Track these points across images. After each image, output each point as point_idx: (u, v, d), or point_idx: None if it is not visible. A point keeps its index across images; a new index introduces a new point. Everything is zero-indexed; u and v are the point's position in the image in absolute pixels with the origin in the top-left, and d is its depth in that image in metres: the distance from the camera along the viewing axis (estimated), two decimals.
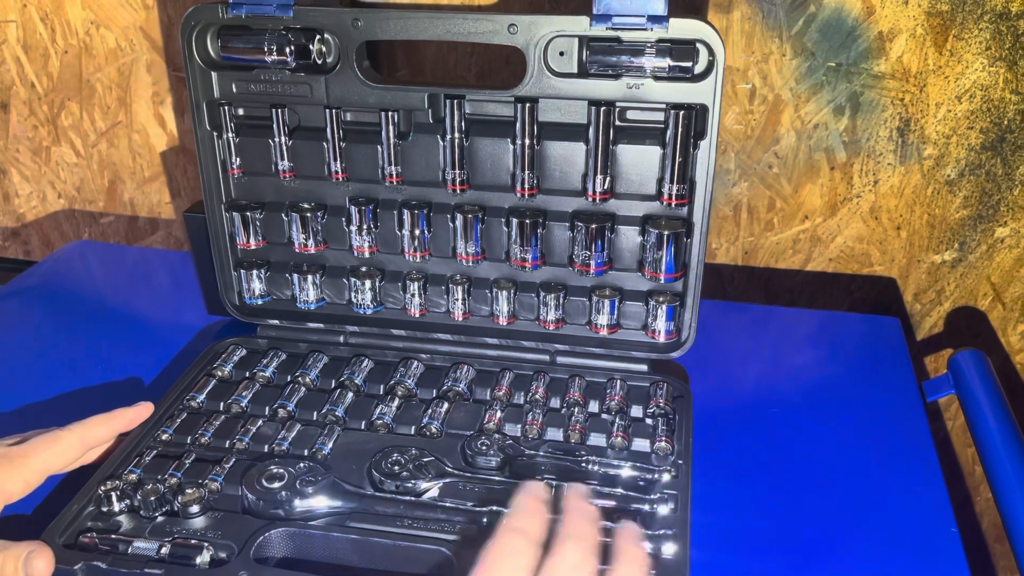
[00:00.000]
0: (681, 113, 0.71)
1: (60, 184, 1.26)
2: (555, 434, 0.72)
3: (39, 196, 1.27)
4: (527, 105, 0.72)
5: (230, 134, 0.78)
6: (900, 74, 0.95)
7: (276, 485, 0.65)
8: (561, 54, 0.71)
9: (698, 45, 0.69)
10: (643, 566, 0.55)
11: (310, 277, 0.82)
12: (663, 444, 0.70)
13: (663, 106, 0.72)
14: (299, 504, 0.64)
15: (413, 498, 0.65)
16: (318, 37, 0.74)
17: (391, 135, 0.76)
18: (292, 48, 0.73)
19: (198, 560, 0.60)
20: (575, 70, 0.72)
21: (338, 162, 0.78)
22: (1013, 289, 1.05)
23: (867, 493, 0.72)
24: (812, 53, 0.95)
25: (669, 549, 0.60)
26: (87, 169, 1.23)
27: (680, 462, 0.68)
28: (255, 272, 0.83)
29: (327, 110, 0.76)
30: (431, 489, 0.66)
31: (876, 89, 0.96)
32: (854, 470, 0.74)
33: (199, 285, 0.90)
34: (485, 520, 0.63)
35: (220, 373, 0.79)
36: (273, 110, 0.77)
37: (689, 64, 0.69)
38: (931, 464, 0.75)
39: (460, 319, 0.81)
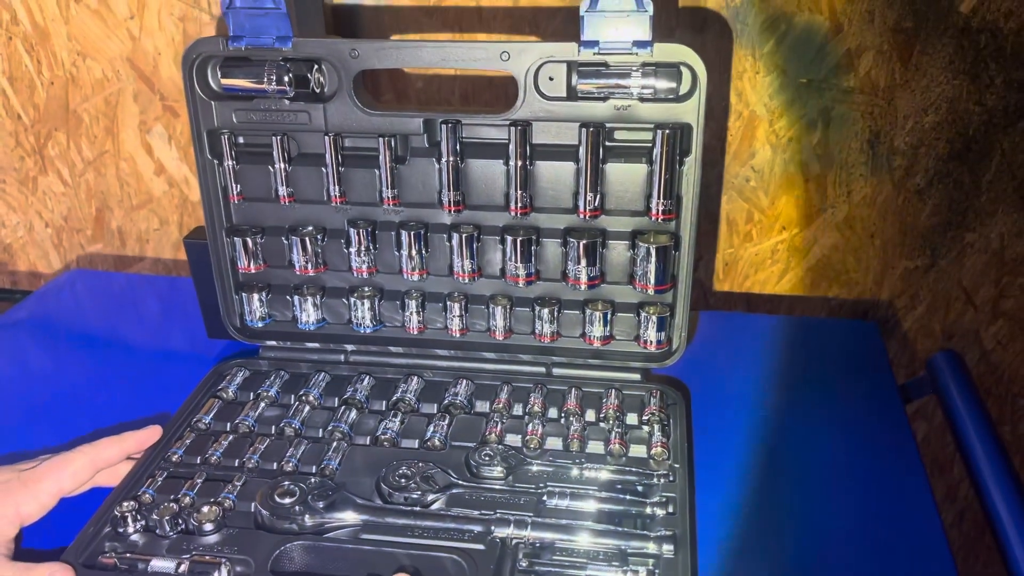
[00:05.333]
0: (667, 132, 0.74)
1: (47, 213, 1.27)
2: (555, 443, 0.75)
3: (26, 226, 1.28)
4: (520, 128, 0.75)
5: (231, 162, 0.81)
6: (868, 89, 0.99)
7: (288, 501, 0.67)
8: (551, 79, 0.75)
9: (681, 68, 0.72)
10: None
11: (310, 298, 0.85)
12: (659, 449, 0.73)
13: (650, 126, 0.75)
14: (312, 519, 0.66)
15: (422, 508, 0.68)
16: (316, 67, 0.77)
17: (388, 159, 0.78)
18: (291, 78, 0.76)
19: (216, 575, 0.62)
20: (564, 94, 0.75)
21: (337, 187, 0.80)
22: (983, 292, 1.09)
23: (854, 491, 0.75)
24: (784, 70, 0.99)
25: (670, 550, 0.63)
26: (74, 198, 1.25)
27: (677, 466, 0.71)
28: (256, 295, 0.85)
29: (326, 137, 0.78)
30: (438, 500, 0.69)
31: (846, 103, 1.00)
32: (841, 470, 0.78)
33: (199, 309, 0.92)
34: (492, 528, 0.65)
35: (225, 395, 0.81)
36: (273, 138, 0.79)
37: (674, 85, 0.73)
38: (914, 462, 0.78)
39: (458, 335, 0.84)
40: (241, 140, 0.81)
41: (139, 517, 0.66)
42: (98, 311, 1.07)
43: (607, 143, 0.76)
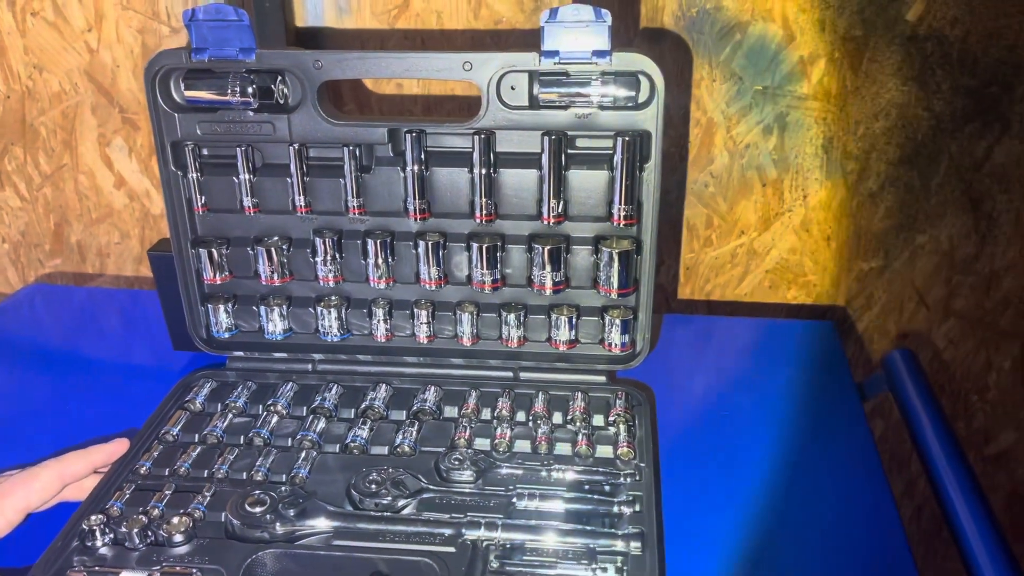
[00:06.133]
0: (627, 139, 0.75)
1: (4, 229, 1.25)
2: (523, 446, 0.76)
3: None
4: (483, 136, 0.77)
5: (195, 173, 0.81)
6: (821, 95, 1.02)
7: (259, 510, 0.67)
8: (513, 88, 0.76)
9: (640, 76, 0.74)
10: None
11: (277, 308, 0.85)
12: (625, 449, 0.74)
13: (610, 133, 0.76)
14: (283, 527, 0.66)
15: (392, 514, 0.68)
16: (280, 78, 0.77)
17: (353, 169, 0.79)
18: (255, 90, 0.76)
19: None
20: (527, 103, 0.76)
21: (302, 196, 0.81)
22: (935, 292, 1.12)
23: (815, 486, 0.77)
24: (740, 78, 1.01)
25: (638, 547, 0.64)
26: (32, 213, 1.23)
27: (643, 465, 0.72)
28: (222, 306, 0.85)
29: (290, 147, 0.79)
30: (409, 505, 0.69)
31: (800, 110, 1.03)
32: (802, 466, 0.80)
33: (164, 321, 0.92)
34: (463, 531, 0.66)
35: (192, 406, 0.81)
36: (237, 149, 0.79)
37: (632, 94, 0.74)
38: (871, 458, 0.81)
39: (425, 342, 0.85)
40: (205, 151, 0.81)
41: (107, 530, 0.66)
42: (60, 326, 1.06)
43: (569, 151, 0.78)
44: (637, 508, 0.68)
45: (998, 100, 1.00)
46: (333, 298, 0.85)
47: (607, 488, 0.71)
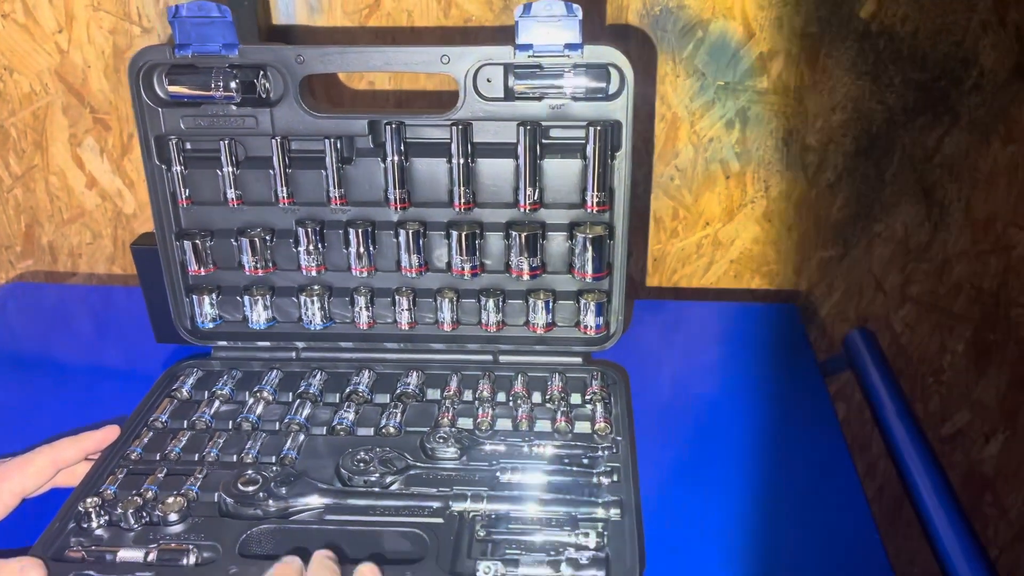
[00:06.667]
0: (598, 129, 0.79)
1: None
2: (505, 424, 0.78)
3: None
4: (461, 127, 0.80)
5: (179, 167, 0.83)
6: (780, 90, 1.06)
7: (252, 489, 0.69)
8: (489, 81, 0.79)
9: (610, 68, 0.77)
10: None
11: (260, 298, 0.87)
12: (602, 425, 0.77)
13: (582, 123, 0.80)
14: (276, 504, 0.68)
15: (381, 489, 0.71)
16: (262, 73, 0.79)
17: (334, 160, 0.81)
18: (238, 84, 0.78)
19: (185, 562, 0.64)
20: (502, 95, 0.79)
21: (285, 188, 0.83)
22: (891, 278, 1.17)
23: (780, 458, 0.81)
24: (703, 74, 1.05)
25: (617, 514, 0.68)
26: (2, 214, 1.24)
27: (619, 439, 0.76)
28: (207, 297, 0.87)
29: (273, 140, 0.81)
30: (396, 481, 0.72)
31: (761, 104, 1.07)
32: (768, 438, 0.83)
33: (145, 315, 0.93)
34: (450, 503, 0.69)
35: (180, 394, 0.83)
36: (221, 142, 0.81)
37: (603, 85, 0.78)
38: (834, 430, 0.84)
39: (407, 328, 0.87)
40: (189, 145, 0.83)
41: (103, 512, 0.68)
42: (40, 324, 1.07)
43: (543, 140, 0.81)
44: (615, 478, 0.71)
45: (947, 93, 1.05)
46: (316, 287, 0.87)
47: (586, 461, 0.74)
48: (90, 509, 0.67)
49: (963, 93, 1.04)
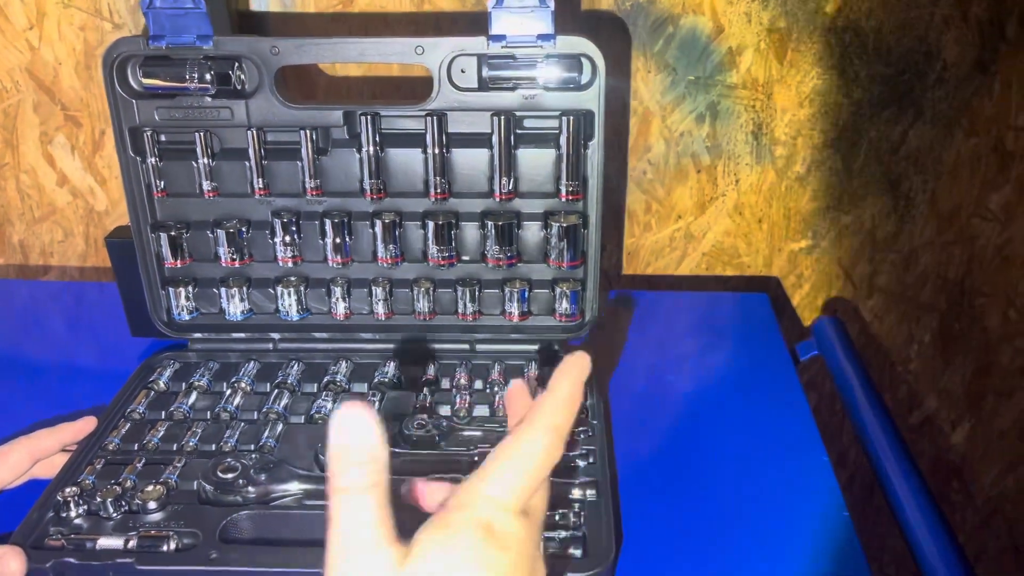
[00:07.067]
0: (571, 118, 0.80)
1: None
2: (482, 410, 0.79)
3: None
4: (436, 118, 0.80)
5: (154, 159, 0.83)
6: (750, 84, 1.08)
7: (231, 476, 0.69)
8: (463, 71, 0.80)
9: (582, 58, 0.79)
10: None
11: (237, 290, 0.87)
12: None
13: (555, 113, 0.81)
14: (255, 490, 0.69)
15: None
16: (237, 64, 0.80)
17: (310, 151, 0.82)
18: (213, 76, 0.79)
19: (166, 548, 0.64)
20: (476, 85, 0.80)
21: (260, 179, 0.83)
22: (860, 269, 1.19)
23: (750, 439, 0.83)
24: (673, 68, 1.07)
25: (593, 494, 0.69)
26: None
27: (595, 422, 0.77)
28: (183, 289, 0.87)
29: (248, 131, 0.81)
30: None
31: (731, 98, 1.09)
32: (740, 420, 0.85)
33: (119, 310, 0.93)
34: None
35: (157, 386, 0.83)
36: (196, 134, 0.81)
37: (575, 75, 0.79)
38: (807, 420, 0.86)
39: (384, 318, 0.88)
40: (163, 137, 0.83)
41: (81, 501, 0.68)
42: (13, 320, 1.06)
43: (517, 130, 0.82)
44: (591, 460, 0.72)
45: (911, 87, 1.07)
46: (292, 278, 0.88)
47: None
48: (69, 498, 0.67)
49: (927, 87, 1.07)
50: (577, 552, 0.63)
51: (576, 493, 0.68)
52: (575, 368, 0.49)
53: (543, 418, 0.46)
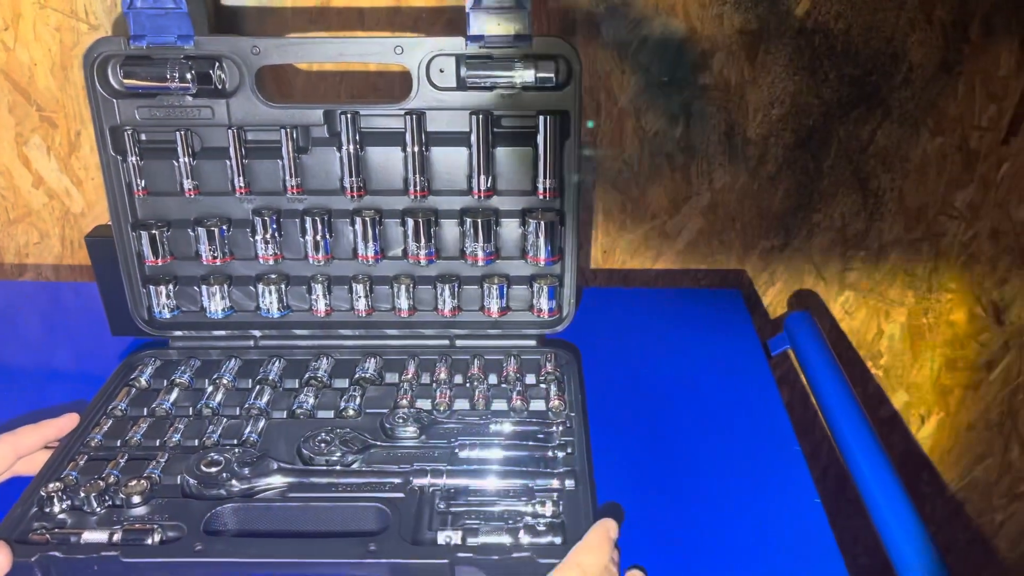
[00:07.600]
0: (549, 118, 0.82)
1: None
2: (462, 404, 0.81)
3: None
4: (415, 116, 0.82)
5: (134, 158, 0.83)
6: (722, 85, 1.10)
7: (215, 470, 0.70)
8: (441, 71, 0.81)
9: (558, 59, 0.80)
10: None
11: (218, 288, 0.88)
12: (556, 403, 0.80)
13: (533, 112, 0.82)
14: (239, 484, 0.69)
15: (343, 468, 0.72)
16: (217, 64, 0.81)
17: (291, 150, 0.83)
18: (194, 75, 0.80)
19: (150, 541, 0.64)
20: (455, 84, 0.82)
21: (241, 178, 0.84)
22: (831, 266, 1.21)
23: (725, 430, 0.85)
24: (647, 69, 1.09)
25: (571, 484, 0.70)
26: None
27: (573, 415, 0.78)
28: (164, 287, 0.87)
29: (229, 130, 0.82)
30: (358, 460, 0.73)
31: (704, 99, 1.10)
32: (714, 413, 0.87)
33: (99, 309, 0.93)
34: (411, 479, 0.70)
35: (138, 383, 0.83)
36: (177, 133, 0.82)
37: (551, 75, 0.81)
38: (779, 412, 0.88)
39: (364, 315, 0.89)
40: (144, 136, 0.84)
41: (65, 497, 0.68)
42: None
43: (496, 129, 0.83)
44: (569, 451, 0.74)
45: (879, 88, 1.10)
46: (273, 276, 0.88)
47: (541, 436, 0.76)
48: (52, 494, 0.68)
49: (894, 87, 1.09)
50: (557, 539, 0.65)
51: (555, 483, 0.70)
52: (601, 527, 0.65)
53: (572, 556, 0.62)
